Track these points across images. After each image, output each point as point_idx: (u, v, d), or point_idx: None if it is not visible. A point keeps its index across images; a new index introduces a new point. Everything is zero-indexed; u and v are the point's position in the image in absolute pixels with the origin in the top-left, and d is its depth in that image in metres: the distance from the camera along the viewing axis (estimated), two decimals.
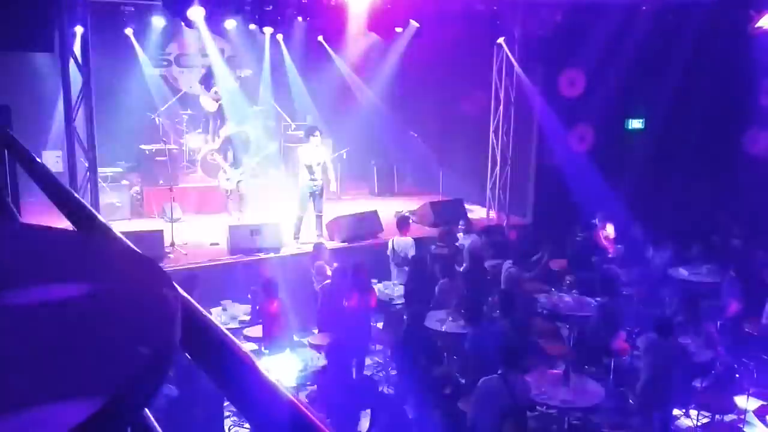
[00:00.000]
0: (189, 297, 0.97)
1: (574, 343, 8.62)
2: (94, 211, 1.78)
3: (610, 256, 10.56)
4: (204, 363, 0.91)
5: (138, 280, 0.94)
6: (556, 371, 7.08)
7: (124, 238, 1.37)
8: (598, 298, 8.45)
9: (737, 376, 7.78)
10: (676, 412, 7.46)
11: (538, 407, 6.87)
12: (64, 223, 1.53)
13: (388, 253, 9.76)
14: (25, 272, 0.90)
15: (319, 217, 10.68)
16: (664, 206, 11.52)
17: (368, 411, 6.97)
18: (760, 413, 7.15)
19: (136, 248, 1.15)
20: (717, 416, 7.29)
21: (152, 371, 0.68)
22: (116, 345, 0.72)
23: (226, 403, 6.74)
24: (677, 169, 12.28)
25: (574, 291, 9.19)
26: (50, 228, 1.13)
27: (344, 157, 13.79)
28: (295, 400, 0.83)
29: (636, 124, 13.12)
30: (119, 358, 0.68)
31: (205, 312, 0.97)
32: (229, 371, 0.88)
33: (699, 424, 7.41)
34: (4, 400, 0.59)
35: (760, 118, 11.83)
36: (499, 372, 6.07)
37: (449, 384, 7.09)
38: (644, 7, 11.38)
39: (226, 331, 0.94)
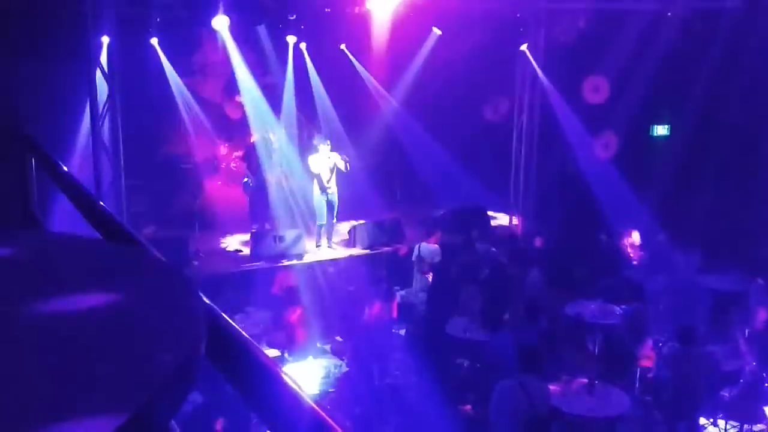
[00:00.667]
0: (213, 305, 0.97)
1: (599, 352, 8.52)
2: (119, 219, 1.81)
3: (635, 263, 10.45)
4: (228, 371, 0.91)
5: (164, 289, 0.95)
6: (581, 380, 7.01)
7: (150, 247, 1.38)
8: (624, 306, 8.36)
9: (766, 385, 7.64)
10: (703, 421, 7.35)
11: (562, 416, 6.82)
12: (91, 233, 1.56)
13: (413, 259, 9.74)
14: (50, 282, 0.91)
15: (332, 225, 10.73)
16: (691, 213, 11.36)
17: (389, 418, 6.96)
18: None
19: (161, 257, 1.15)
20: (745, 426, 7.17)
21: (178, 381, 0.68)
22: (142, 356, 0.72)
23: None
24: (703, 175, 12.11)
25: (599, 298, 9.09)
26: (76, 237, 1.13)
27: (347, 167, 13.72)
28: (318, 409, 0.83)
29: (661, 130, 12.99)
30: (145, 370, 0.68)
31: (229, 320, 0.98)
32: (253, 379, 0.87)
33: None
34: (30, 413, 0.59)
35: None
36: (516, 376, 6.03)
37: (470, 391, 7.06)
38: (669, 13, 11.28)
39: (251, 339, 0.94)
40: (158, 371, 0.67)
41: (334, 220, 10.76)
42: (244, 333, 0.95)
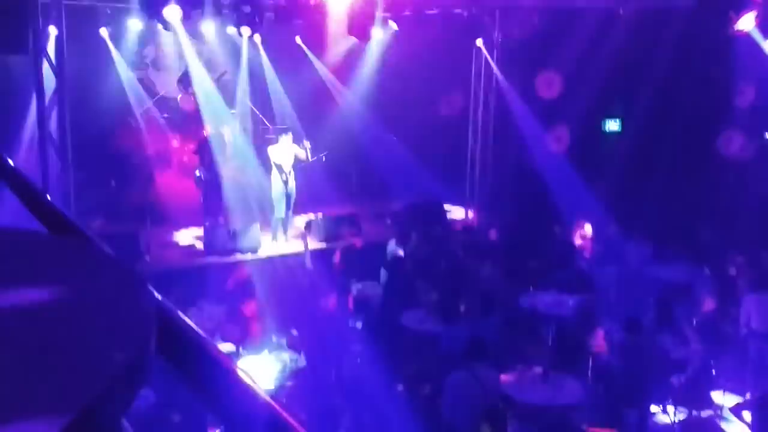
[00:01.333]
0: (164, 300, 0.95)
1: (553, 342, 8.66)
2: (67, 213, 1.75)
3: (587, 255, 10.64)
4: (181, 367, 0.88)
5: (112, 284, 0.92)
6: (535, 369, 7.11)
7: (99, 241, 1.34)
8: (576, 297, 8.51)
9: (713, 372, 7.87)
10: (653, 408, 7.54)
11: (516, 405, 6.92)
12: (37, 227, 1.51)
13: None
14: None
15: (288, 216, 10.69)
16: (641, 206, 11.62)
17: (346, 411, 6.96)
18: (735, 409, 7.25)
19: (111, 251, 1.12)
20: (694, 412, 7.37)
21: (127, 379, 0.65)
22: (88, 353, 0.69)
23: None
24: (654, 169, 12.41)
25: (552, 289, 9.22)
26: (19, 230, 1.10)
27: (323, 159, 13.76)
28: (274, 404, 0.81)
29: (613, 125, 13.24)
30: (91, 367, 0.66)
31: (182, 315, 0.95)
32: (206, 375, 0.85)
33: (676, 420, 7.48)
34: None
35: (736, 120, 11.99)
36: (466, 365, 6.09)
37: (427, 383, 7.10)
38: (621, 11, 11.48)
39: (203, 335, 0.91)
40: (106, 368, 0.64)
41: (290, 212, 10.71)
42: (196, 328, 0.91)
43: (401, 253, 9.54)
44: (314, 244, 10.43)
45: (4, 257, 0.99)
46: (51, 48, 9.13)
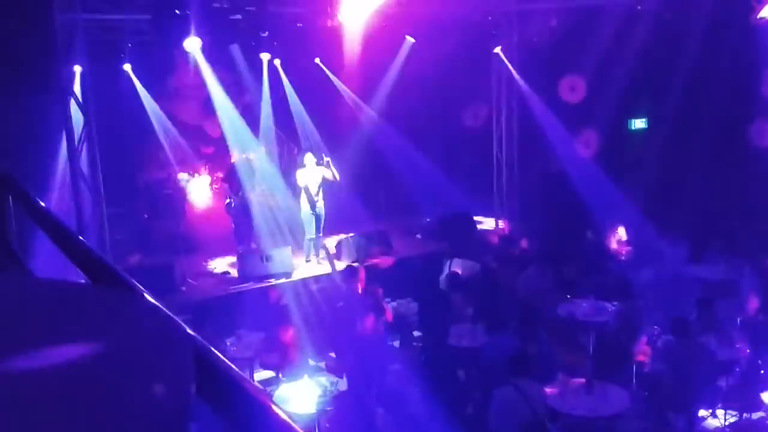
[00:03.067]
0: (203, 340, 0.94)
1: (594, 350, 8.51)
2: (101, 255, 1.75)
3: (623, 258, 10.48)
4: (219, 407, 0.89)
5: (149, 332, 0.91)
6: (578, 380, 6.99)
7: (135, 284, 1.35)
8: (615, 302, 8.37)
9: (762, 372, 7.66)
10: (702, 412, 7.35)
11: (562, 418, 6.80)
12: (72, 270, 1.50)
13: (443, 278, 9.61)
14: (29, 332, 0.86)
15: (319, 238, 10.69)
16: (675, 205, 11.43)
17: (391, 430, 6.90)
18: None
19: (146, 294, 1.11)
20: (744, 414, 7.18)
21: (172, 427, 0.66)
22: (125, 410, 0.68)
23: None
24: (685, 166, 12.20)
25: (590, 296, 9.08)
26: (55, 281, 1.10)
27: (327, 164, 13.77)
28: None
29: (639, 124, 13.06)
30: (133, 422, 0.65)
31: (218, 354, 0.95)
32: (244, 413, 0.86)
33: (726, 423, 7.29)
34: None
35: (765, 109, 11.75)
36: (510, 381, 6.01)
37: (469, 399, 7.01)
38: (639, 7, 11.35)
39: (239, 372, 0.91)
40: (148, 420, 0.65)
41: (321, 234, 10.72)
42: (233, 366, 0.93)
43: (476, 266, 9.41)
44: (346, 263, 10.42)
45: (36, 309, 0.99)
46: (77, 86, 9.28)
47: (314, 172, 10.58)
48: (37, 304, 1.01)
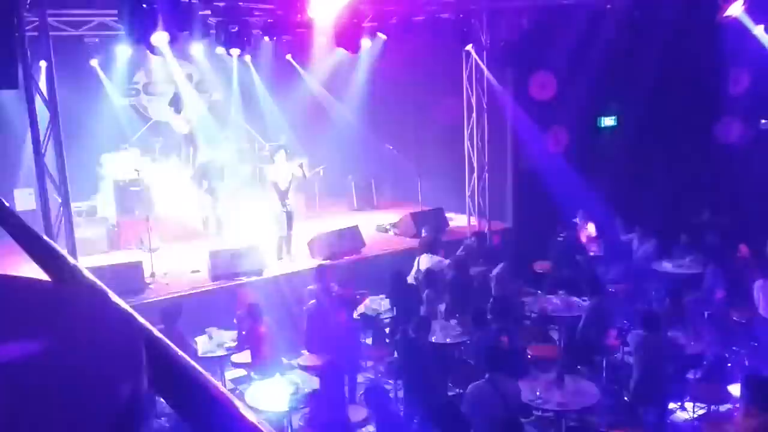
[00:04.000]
0: (159, 333, 0.93)
1: (565, 345, 8.60)
2: (63, 255, 1.70)
3: (592, 254, 10.60)
4: (174, 400, 0.89)
5: (102, 330, 0.90)
6: (549, 374, 7.04)
7: (100, 284, 1.32)
8: (585, 298, 8.45)
9: (729, 365, 7.80)
10: (671, 405, 7.46)
11: (533, 412, 6.85)
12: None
13: (414, 275, 9.57)
14: None
15: (290, 236, 10.62)
16: (643, 201, 11.58)
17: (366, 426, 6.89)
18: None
19: (111, 293, 1.11)
20: (712, 407, 7.30)
21: (124, 419, 0.67)
22: (80, 400, 0.70)
23: None
24: (653, 162, 12.38)
25: (560, 292, 9.17)
26: (17, 278, 1.09)
27: (321, 174, 13.74)
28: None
29: (608, 121, 13.20)
30: (84, 413, 0.67)
31: (173, 348, 0.92)
32: (198, 407, 0.85)
33: (695, 416, 7.41)
34: None
35: (731, 107, 11.96)
36: (486, 376, 6.03)
37: (443, 397, 7.03)
38: (609, 6, 11.45)
39: (195, 366, 0.89)
40: (99, 411, 0.66)
41: (291, 231, 10.65)
42: (188, 360, 0.91)
43: (446, 262, 9.40)
44: (317, 260, 10.38)
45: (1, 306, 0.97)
46: (42, 82, 9.09)
47: (284, 169, 10.51)
48: None
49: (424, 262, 9.56)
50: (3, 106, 11.62)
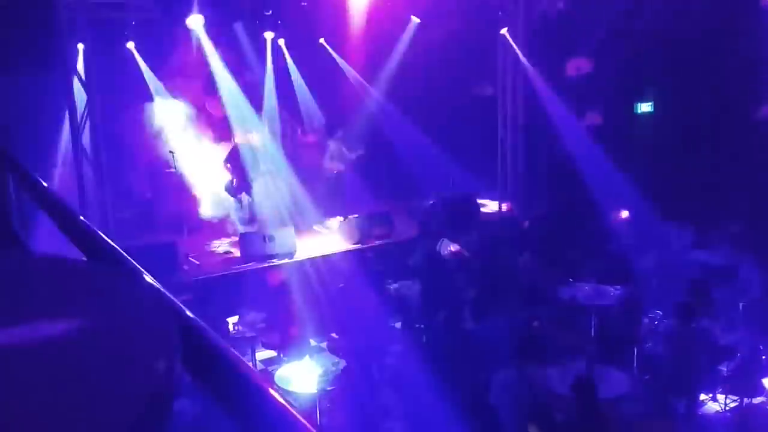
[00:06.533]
0: (196, 318, 0.93)
1: (596, 334, 8.52)
2: (100, 235, 1.73)
3: (626, 242, 10.45)
4: (206, 382, 0.89)
5: (135, 306, 0.92)
6: (579, 363, 6.99)
7: (135, 264, 1.35)
8: (618, 287, 8.36)
9: (763, 357, 7.66)
10: (702, 397, 7.36)
11: (563, 401, 6.81)
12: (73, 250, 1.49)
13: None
14: (22, 308, 0.87)
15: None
16: (680, 189, 11.37)
17: (391, 412, 6.92)
18: None
19: (145, 274, 1.12)
20: (745, 399, 7.19)
21: (156, 400, 0.67)
22: (113, 379, 0.70)
23: None
24: (691, 149, 12.12)
25: (592, 280, 9.07)
26: (55, 259, 1.10)
27: (354, 158, 13.73)
28: (307, 424, 0.79)
29: (645, 107, 12.97)
30: (117, 393, 0.67)
31: (208, 329, 0.93)
32: (231, 389, 0.85)
33: (727, 408, 7.31)
34: None
35: None
36: (513, 364, 6.01)
37: (471, 383, 7.02)
38: None
39: (229, 348, 0.89)
40: (132, 392, 0.67)
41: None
42: (223, 343, 0.91)
43: (453, 249, 9.40)
44: (349, 245, 10.42)
45: (32, 287, 0.99)
46: (80, 65, 9.24)
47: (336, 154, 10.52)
48: (27, 282, 1.01)
49: (447, 246, 9.55)
50: (42, 87, 11.80)
